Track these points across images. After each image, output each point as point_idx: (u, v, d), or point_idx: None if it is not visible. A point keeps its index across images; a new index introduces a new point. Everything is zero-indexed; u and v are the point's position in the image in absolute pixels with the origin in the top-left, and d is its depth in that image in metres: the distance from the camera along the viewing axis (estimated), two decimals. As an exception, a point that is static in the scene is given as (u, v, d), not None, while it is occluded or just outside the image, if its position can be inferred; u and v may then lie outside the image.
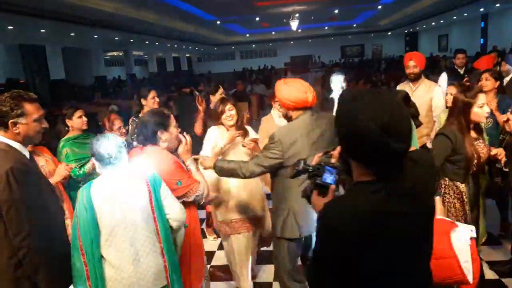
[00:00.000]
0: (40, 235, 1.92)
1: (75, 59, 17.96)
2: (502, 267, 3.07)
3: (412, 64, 4.04)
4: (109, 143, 2.02)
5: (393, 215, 1.16)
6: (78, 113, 3.47)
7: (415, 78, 4.06)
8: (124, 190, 2.04)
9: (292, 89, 2.45)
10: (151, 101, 3.93)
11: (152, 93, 3.97)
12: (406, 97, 3.39)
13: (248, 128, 3.41)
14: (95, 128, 6.23)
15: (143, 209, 2.04)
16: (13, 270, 1.91)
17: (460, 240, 1.63)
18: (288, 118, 2.56)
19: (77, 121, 3.45)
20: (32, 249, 1.87)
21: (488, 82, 3.56)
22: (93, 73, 18.77)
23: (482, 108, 2.57)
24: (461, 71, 5.41)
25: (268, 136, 2.50)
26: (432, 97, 3.98)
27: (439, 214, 2.06)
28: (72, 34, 14.55)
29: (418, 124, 3.21)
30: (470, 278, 1.61)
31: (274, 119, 3.73)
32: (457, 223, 1.72)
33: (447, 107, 4.20)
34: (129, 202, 2.02)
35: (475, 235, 1.70)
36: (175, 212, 2.15)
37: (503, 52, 11.00)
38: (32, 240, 1.88)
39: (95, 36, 16.00)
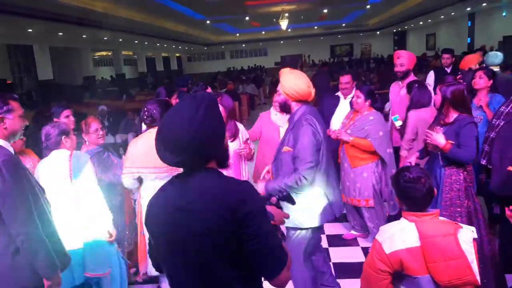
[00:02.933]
0: (35, 222, 1.99)
1: (63, 59, 17.80)
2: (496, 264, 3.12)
3: (399, 62, 4.10)
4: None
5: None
6: (66, 112, 3.38)
7: (402, 76, 4.11)
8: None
9: (299, 81, 2.50)
10: (64, 120, 3.36)
11: (66, 112, 3.44)
12: (370, 91, 3.61)
13: (240, 126, 3.45)
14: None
15: None
16: (11, 259, 1.96)
17: (465, 241, 1.66)
18: (287, 108, 2.59)
19: (64, 121, 3.28)
20: (30, 235, 1.95)
21: (481, 80, 3.62)
22: (82, 73, 18.61)
23: None
24: (448, 70, 5.49)
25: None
26: None
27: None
28: (61, 33, 14.42)
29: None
30: (478, 278, 1.63)
31: (271, 116, 3.79)
32: (460, 224, 1.74)
33: (435, 105, 4.28)
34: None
35: (476, 236, 1.72)
36: None
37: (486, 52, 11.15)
38: (29, 226, 1.95)
39: (84, 36, 15.87)
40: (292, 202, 1.73)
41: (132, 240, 3.41)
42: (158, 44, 23.79)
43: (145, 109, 3.03)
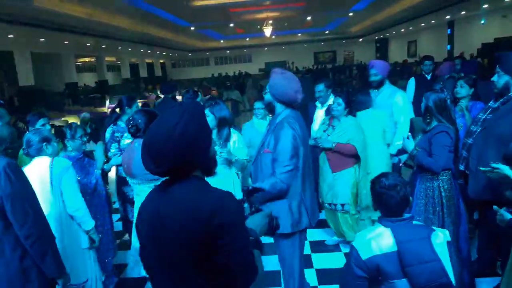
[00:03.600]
0: (42, 222, 2.05)
1: (45, 65, 17.55)
2: (470, 267, 3.18)
3: (374, 72, 4.18)
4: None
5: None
6: (42, 121, 3.36)
7: (377, 85, 4.20)
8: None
9: (288, 84, 2.46)
10: None
11: (42, 121, 3.51)
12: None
13: (235, 133, 3.45)
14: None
15: None
16: (19, 261, 1.99)
17: (439, 243, 1.69)
18: (271, 108, 2.59)
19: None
20: (39, 236, 1.99)
21: (462, 89, 3.67)
22: (64, 79, 18.36)
23: None
24: (428, 77, 5.62)
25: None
26: (393, 102, 4.11)
27: None
28: (42, 39, 14.24)
29: None
30: (453, 279, 1.67)
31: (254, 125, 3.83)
32: (433, 227, 1.78)
33: (416, 111, 4.36)
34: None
35: (449, 239, 1.75)
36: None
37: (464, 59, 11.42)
38: (39, 227, 2.00)
39: (66, 42, 15.69)
40: (259, 191, 1.74)
41: None
42: (142, 50, 23.66)
43: (131, 118, 3.03)
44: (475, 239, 3.63)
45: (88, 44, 17.33)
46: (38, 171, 2.60)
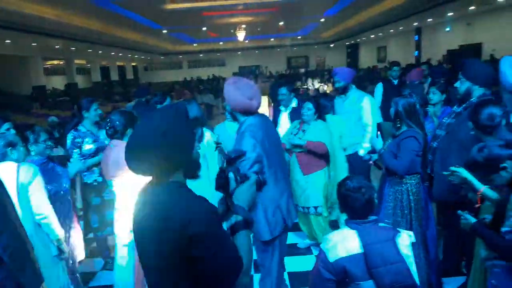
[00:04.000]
0: (21, 232, 1.95)
1: (11, 67, 17.00)
2: (438, 268, 3.27)
3: (337, 79, 4.29)
4: None
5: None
6: (6, 125, 3.23)
7: (342, 91, 4.31)
8: None
9: (237, 92, 2.45)
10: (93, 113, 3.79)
11: (6, 125, 3.44)
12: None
13: (208, 132, 3.45)
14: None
15: None
16: None
17: (404, 245, 1.73)
18: (235, 117, 2.60)
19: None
20: (17, 247, 1.89)
21: (435, 96, 3.77)
22: (31, 82, 17.83)
23: None
24: (395, 82, 5.78)
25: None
26: (361, 106, 4.23)
27: None
28: (8, 41, 13.80)
29: None
30: (417, 280, 1.71)
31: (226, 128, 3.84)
32: (398, 229, 1.80)
33: (384, 116, 4.47)
34: None
35: (414, 240, 1.79)
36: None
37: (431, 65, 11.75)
38: (17, 238, 1.90)
39: (34, 44, 15.26)
40: (239, 157, 1.59)
41: None
42: (113, 53, 23.27)
43: (108, 120, 2.97)
44: (441, 240, 3.74)
45: (57, 47, 16.91)
46: (2, 178, 2.50)
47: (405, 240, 1.74)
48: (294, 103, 4.38)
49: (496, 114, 2.29)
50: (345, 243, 1.73)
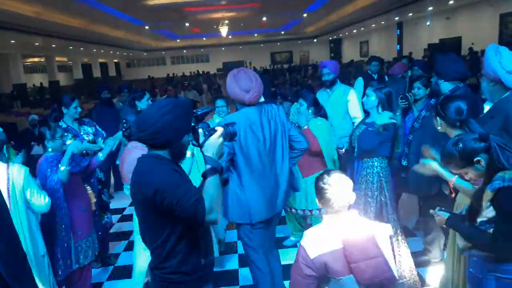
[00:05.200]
0: (14, 239, 1.93)
1: (-11, 66, 16.66)
2: (417, 258, 3.34)
3: (326, 72, 4.29)
4: None
5: None
6: None
7: (330, 84, 4.33)
8: None
9: (233, 83, 2.52)
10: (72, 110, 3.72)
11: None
12: (314, 100, 3.63)
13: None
14: (15, 139, 5.85)
15: None
16: None
17: (382, 239, 1.73)
18: (236, 106, 2.67)
19: None
20: (13, 255, 1.86)
21: (420, 91, 3.82)
22: (11, 80, 17.49)
23: None
24: (375, 76, 5.86)
25: None
26: (347, 100, 4.25)
27: None
28: (-14, 38, 13.53)
29: None
30: (396, 274, 1.72)
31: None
32: (376, 222, 1.81)
33: (364, 109, 4.52)
34: None
35: (392, 233, 1.81)
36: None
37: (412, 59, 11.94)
38: (10, 244, 1.87)
39: (12, 41, 14.96)
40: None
41: None
42: (94, 50, 22.97)
43: (124, 120, 2.97)
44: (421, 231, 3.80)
45: (36, 44, 16.60)
46: None
47: (384, 233, 1.75)
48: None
49: (463, 108, 2.35)
50: (325, 238, 1.72)
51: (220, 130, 1.72)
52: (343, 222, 1.76)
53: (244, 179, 2.60)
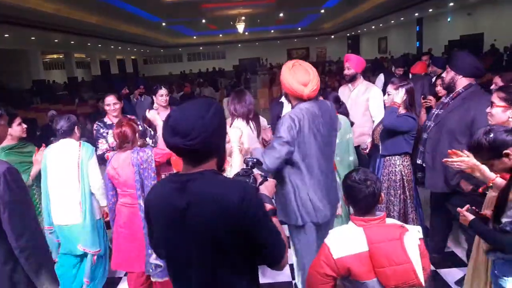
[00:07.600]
0: (39, 234, 1.92)
1: (10, 62, 16.98)
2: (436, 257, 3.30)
3: (347, 66, 4.20)
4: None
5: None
6: (18, 120, 3.21)
7: (350, 79, 4.22)
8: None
9: (290, 76, 2.38)
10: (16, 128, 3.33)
11: (17, 120, 3.34)
12: (336, 98, 3.58)
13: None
14: (34, 135, 5.93)
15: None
16: (9, 277, 1.82)
17: (411, 244, 1.67)
18: (289, 101, 2.56)
19: (16, 129, 3.18)
20: (36, 249, 1.85)
21: (442, 88, 3.78)
22: (31, 77, 17.81)
23: None
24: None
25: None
26: (368, 97, 4.14)
27: None
28: (7, 35, 13.76)
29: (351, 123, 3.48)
30: (422, 281, 1.66)
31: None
32: (406, 225, 1.73)
33: (385, 106, 4.41)
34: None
35: (422, 235, 1.74)
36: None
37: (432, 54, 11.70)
38: (37, 238, 1.87)
39: (33, 38, 15.22)
40: (260, 163, 1.70)
41: None
42: (112, 47, 23.20)
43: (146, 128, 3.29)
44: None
45: (56, 40, 16.85)
46: (67, 151, 3.07)
47: (413, 237, 1.69)
48: None
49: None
50: (350, 240, 1.68)
51: (273, 181, 1.69)
52: (370, 224, 1.71)
53: (307, 178, 2.45)
